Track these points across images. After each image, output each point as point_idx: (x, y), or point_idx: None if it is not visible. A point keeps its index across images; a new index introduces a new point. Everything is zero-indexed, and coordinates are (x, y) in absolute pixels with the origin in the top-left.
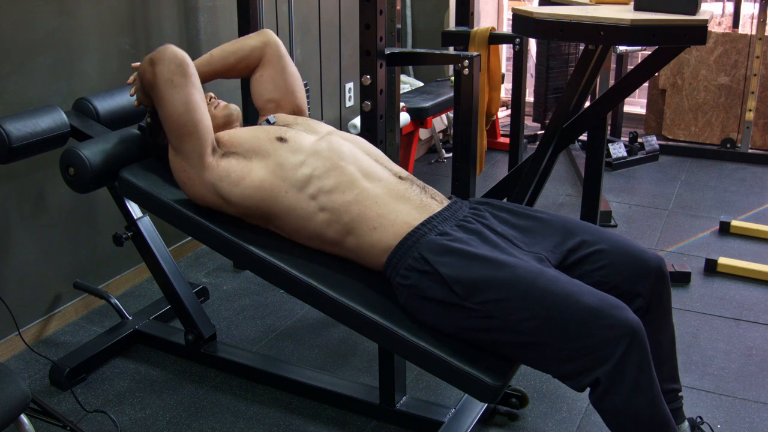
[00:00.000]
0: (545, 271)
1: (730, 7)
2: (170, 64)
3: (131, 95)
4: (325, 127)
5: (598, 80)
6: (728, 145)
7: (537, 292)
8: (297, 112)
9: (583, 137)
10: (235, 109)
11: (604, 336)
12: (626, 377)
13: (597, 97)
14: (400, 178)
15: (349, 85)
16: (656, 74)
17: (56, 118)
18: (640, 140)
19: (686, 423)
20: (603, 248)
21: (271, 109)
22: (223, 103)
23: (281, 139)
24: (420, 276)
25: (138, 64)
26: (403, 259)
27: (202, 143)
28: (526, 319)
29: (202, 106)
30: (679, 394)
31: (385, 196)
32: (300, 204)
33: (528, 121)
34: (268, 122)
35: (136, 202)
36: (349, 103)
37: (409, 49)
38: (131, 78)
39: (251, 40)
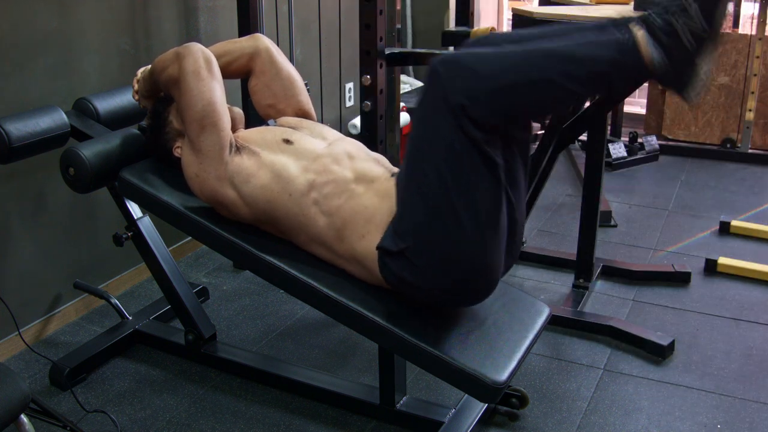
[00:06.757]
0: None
1: (730, 7)
2: (198, 58)
3: (135, 99)
4: (333, 134)
5: None
6: (728, 145)
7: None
8: (301, 114)
9: (583, 137)
10: (238, 112)
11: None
12: None
13: None
14: (392, 174)
15: (349, 85)
16: None
17: (56, 118)
18: (640, 140)
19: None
20: None
21: (272, 114)
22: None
23: (287, 141)
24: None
25: (145, 68)
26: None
27: (224, 135)
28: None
29: (224, 101)
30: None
31: (375, 198)
32: (302, 210)
33: None
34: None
35: (136, 202)
36: (349, 103)
37: (409, 49)
38: (137, 75)
39: (241, 44)
